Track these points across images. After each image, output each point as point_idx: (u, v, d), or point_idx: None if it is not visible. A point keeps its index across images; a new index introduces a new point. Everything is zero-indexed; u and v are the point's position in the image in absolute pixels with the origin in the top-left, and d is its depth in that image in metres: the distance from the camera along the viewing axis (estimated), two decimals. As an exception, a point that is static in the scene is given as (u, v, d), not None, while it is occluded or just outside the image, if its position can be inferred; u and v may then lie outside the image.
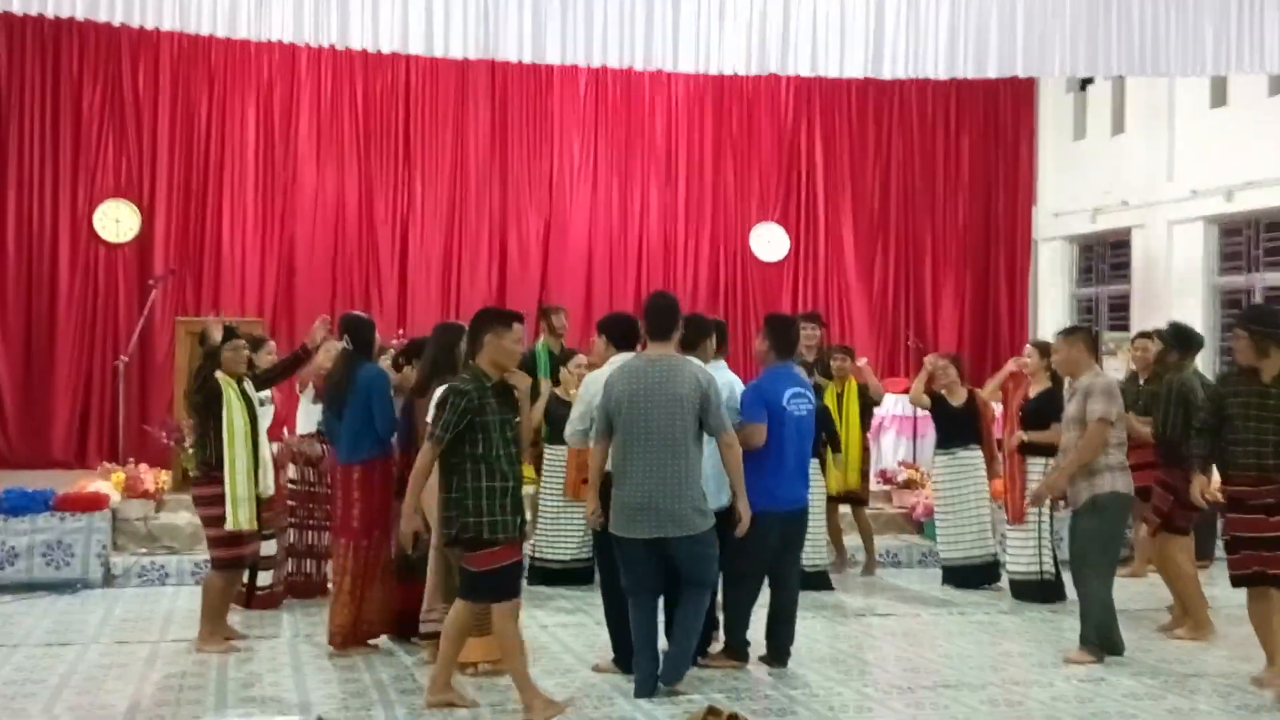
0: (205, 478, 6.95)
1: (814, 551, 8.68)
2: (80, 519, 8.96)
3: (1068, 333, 7.35)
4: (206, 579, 7.19)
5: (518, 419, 5.72)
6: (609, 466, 6.15)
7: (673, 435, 5.90)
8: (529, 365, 9.32)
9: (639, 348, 6.46)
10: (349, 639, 6.86)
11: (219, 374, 6.96)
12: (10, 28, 12.08)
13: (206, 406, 6.91)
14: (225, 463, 6.83)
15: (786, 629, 6.67)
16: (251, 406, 7.06)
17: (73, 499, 9.06)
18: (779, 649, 6.65)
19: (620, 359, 6.30)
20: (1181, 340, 7.94)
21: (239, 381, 7.05)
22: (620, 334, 6.59)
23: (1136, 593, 8.94)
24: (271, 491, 7.50)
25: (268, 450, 7.38)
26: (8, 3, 8.55)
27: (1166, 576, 7.84)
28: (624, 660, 6.33)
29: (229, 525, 6.86)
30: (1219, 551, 9.35)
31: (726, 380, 6.53)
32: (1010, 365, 9.12)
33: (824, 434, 8.50)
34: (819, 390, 8.67)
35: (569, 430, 6.58)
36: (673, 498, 5.89)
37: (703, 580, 6.10)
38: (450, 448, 5.50)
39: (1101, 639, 6.95)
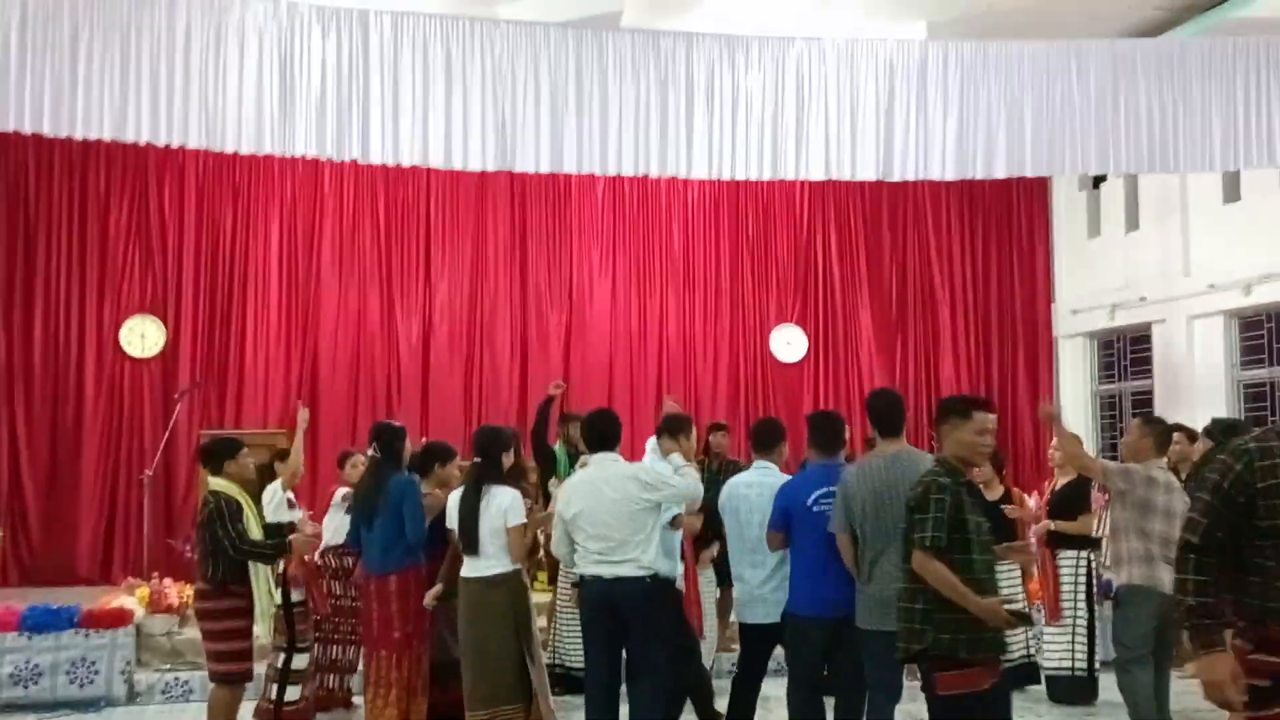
0: (219, 590, 6.88)
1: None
2: (104, 635, 8.94)
3: (1147, 421, 7.37)
4: (214, 694, 7.07)
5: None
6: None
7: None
8: (550, 466, 9.39)
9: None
10: None
11: (232, 486, 6.96)
12: (40, 147, 12.35)
13: (216, 521, 6.81)
14: (251, 575, 6.82)
15: None
16: (261, 518, 7.09)
17: (97, 615, 9.05)
18: None
19: (599, 459, 6.42)
20: (1229, 433, 7.93)
21: (249, 493, 7.09)
22: (598, 435, 6.59)
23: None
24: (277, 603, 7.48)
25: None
26: (38, 125, 8.73)
27: None
28: None
29: (261, 637, 6.87)
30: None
31: (768, 483, 6.58)
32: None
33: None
34: None
35: (555, 549, 6.61)
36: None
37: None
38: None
39: None
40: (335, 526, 8.35)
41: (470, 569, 6.52)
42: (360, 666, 8.07)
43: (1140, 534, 6.84)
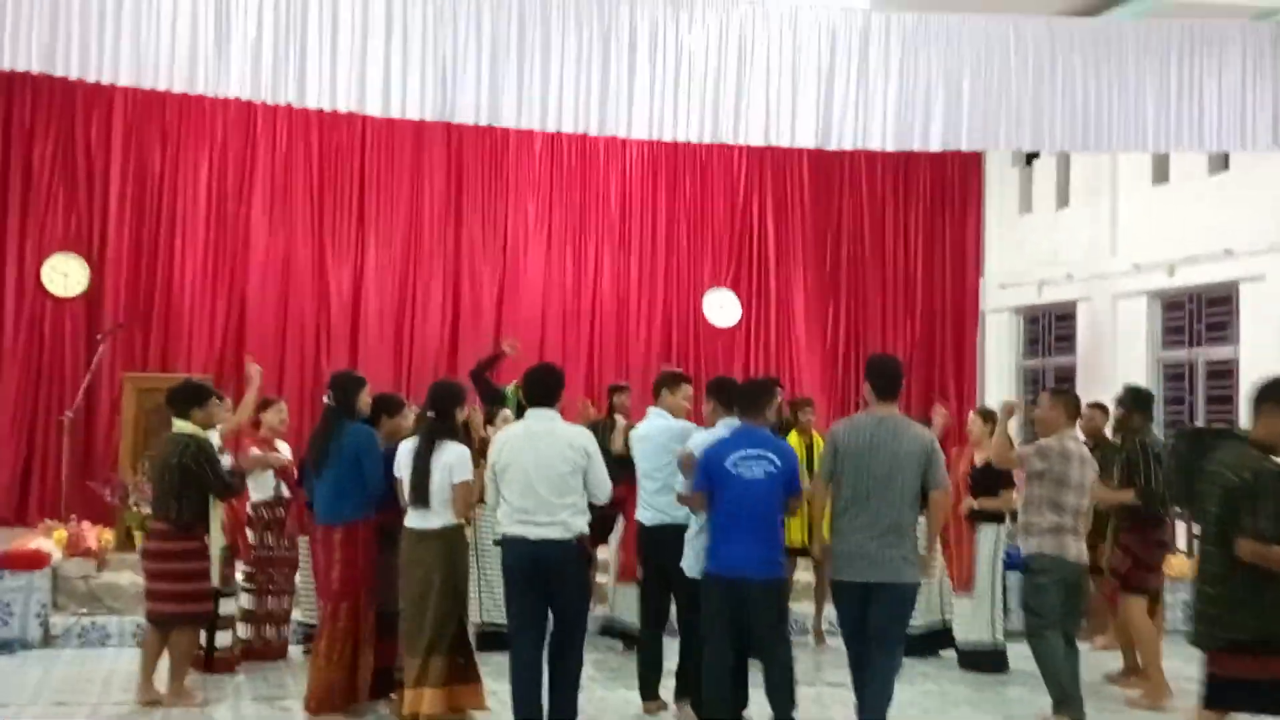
0: (181, 533, 6.94)
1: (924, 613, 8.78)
2: (20, 578, 8.80)
3: (1055, 392, 7.55)
4: (174, 636, 7.08)
5: None
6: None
7: (897, 490, 6.12)
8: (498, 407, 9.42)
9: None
10: (325, 704, 6.76)
11: (199, 430, 7.01)
12: (-39, 76, 12.03)
13: (198, 463, 6.90)
14: (211, 520, 6.94)
15: (778, 700, 6.37)
16: None
17: (13, 557, 8.91)
18: None
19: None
20: (1141, 401, 8.14)
21: None
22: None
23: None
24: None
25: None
26: (-38, 55, 8.49)
27: (1125, 638, 7.95)
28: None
29: (215, 582, 6.99)
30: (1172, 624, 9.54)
31: (702, 439, 6.66)
32: (936, 419, 9.02)
33: None
34: None
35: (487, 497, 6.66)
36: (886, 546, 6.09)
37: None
38: (1227, 535, 5.20)
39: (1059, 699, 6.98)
40: (263, 479, 8.30)
41: (413, 520, 6.52)
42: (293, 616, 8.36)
43: (1054, 507, 6.98)
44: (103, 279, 12.70)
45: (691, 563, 6.60)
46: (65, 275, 12.56)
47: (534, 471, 6.19)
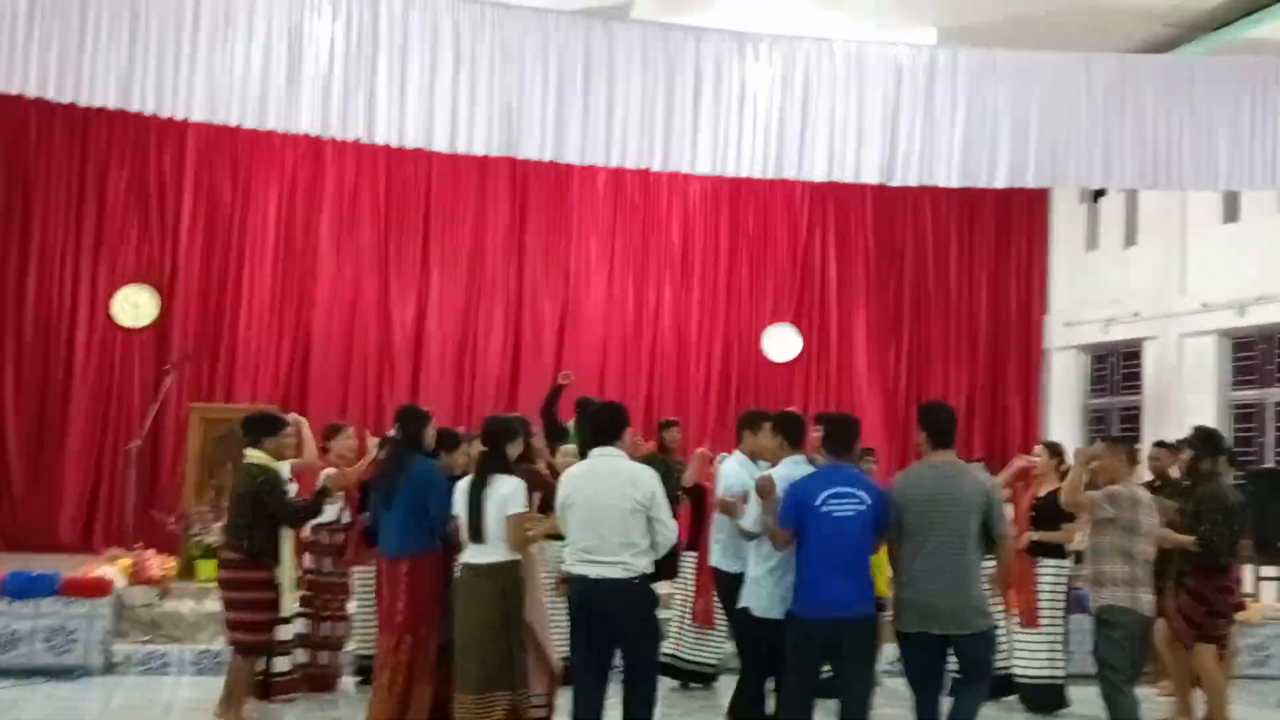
0: (250, 562, 7.01)
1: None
2: (84, 604, 8.88)
3: (1113, 441, 7.42)
4: (237, 665, 7.18)
5: None
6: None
7: (960, 539, 6.12)
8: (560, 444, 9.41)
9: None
10: None
11: (270, 460, 7.11)
12: (41, 106, 12.24)
13: (268, 492, 7.00)
14: (280, 550, 7.03)
15: None
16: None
17: (77, 584, 9.00)
18: None
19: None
20: (1210, 444, 7.96)
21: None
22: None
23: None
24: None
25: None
26: (44, 90, 8.69)
27: (1183, 683, 7.81)
28: None
29: (285, 611, 7.12)
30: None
31: (780, 475, 6.58)
32: (1018, 462, 9.05)
33: None
34: None
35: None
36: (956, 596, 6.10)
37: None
38: None
39: None
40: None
41: (469, 555, 6.53)
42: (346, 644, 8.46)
43: (1125, 556, 6.83)
44: (172, 310, 12.89)
45: (765, 603, 6.49)
46: (136, 306, 12.76)
47: (595, 510, 6.16)
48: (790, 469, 6.61)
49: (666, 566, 7.78)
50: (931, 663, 6.17)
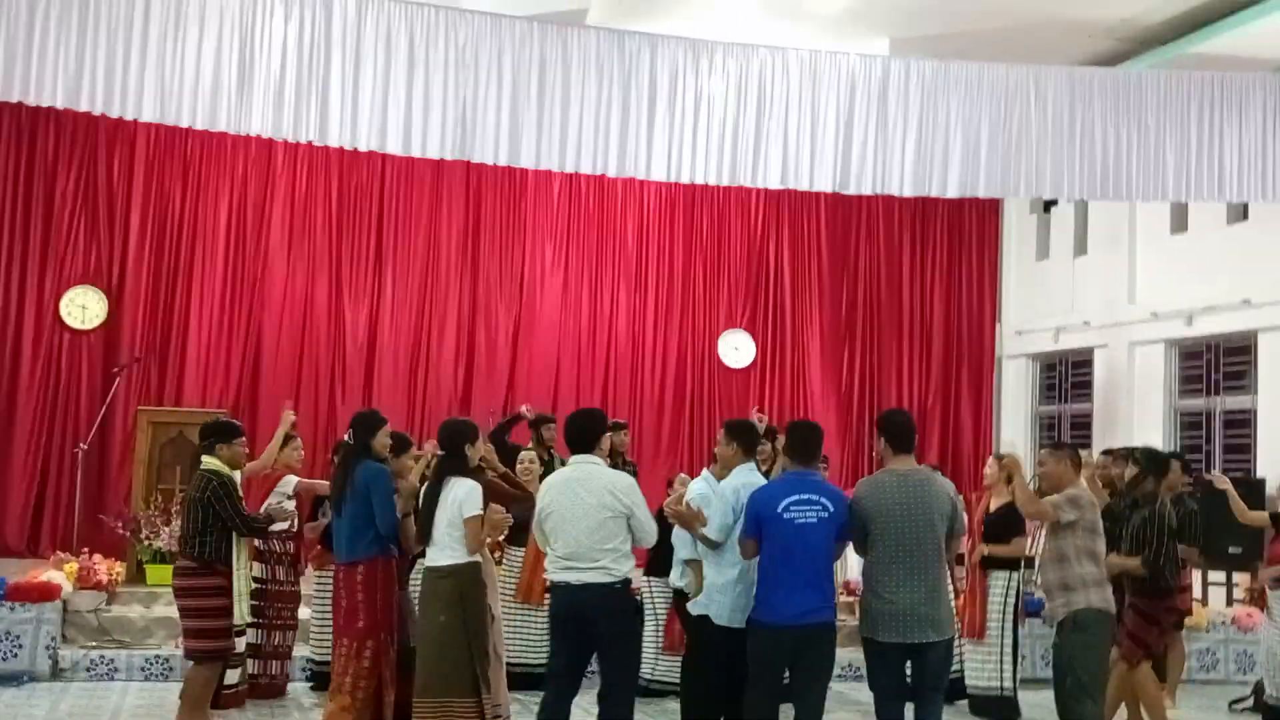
0: (203, 569, 6.89)
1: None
2: (30, 610, 8.77)
3: (1055, 447, 7.35)
4: (190, 673, 7.05)
5: None
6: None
7: (931, 545, 6.17)
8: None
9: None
10: None
11: (224, 468, 7.00)
12: (-14, 108, 12.16)
13: (219, 500, 6.87)
14: (234, 556, 6.90)
15: None
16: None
17: (24, 589, 8.88)
18: None
19: (577, 460, 6.35)
20: (1156, 465, 8.03)
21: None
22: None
23: None
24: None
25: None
26: (-12, 88, 8.58)
27: (1129, 694, 7.86)
28: None
29: (237, 619, 6.98)
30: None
31: (734, 485, 6.52)
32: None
33: None
34: None
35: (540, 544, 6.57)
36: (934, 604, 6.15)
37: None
38: None
39: None
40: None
41: (428, 558, 6.52)
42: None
43: (1092, 558, 6.80)
44: (121, 312, 12.75)
45: (726, 612, 6.44)
46: (84, 308, 12.63)
47: (574, 518, 6.13)
48: (745, 476, 6.59)
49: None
50: (900, 670, 6.21)
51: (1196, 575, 10.43)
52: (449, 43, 9.59)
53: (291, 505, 8.12)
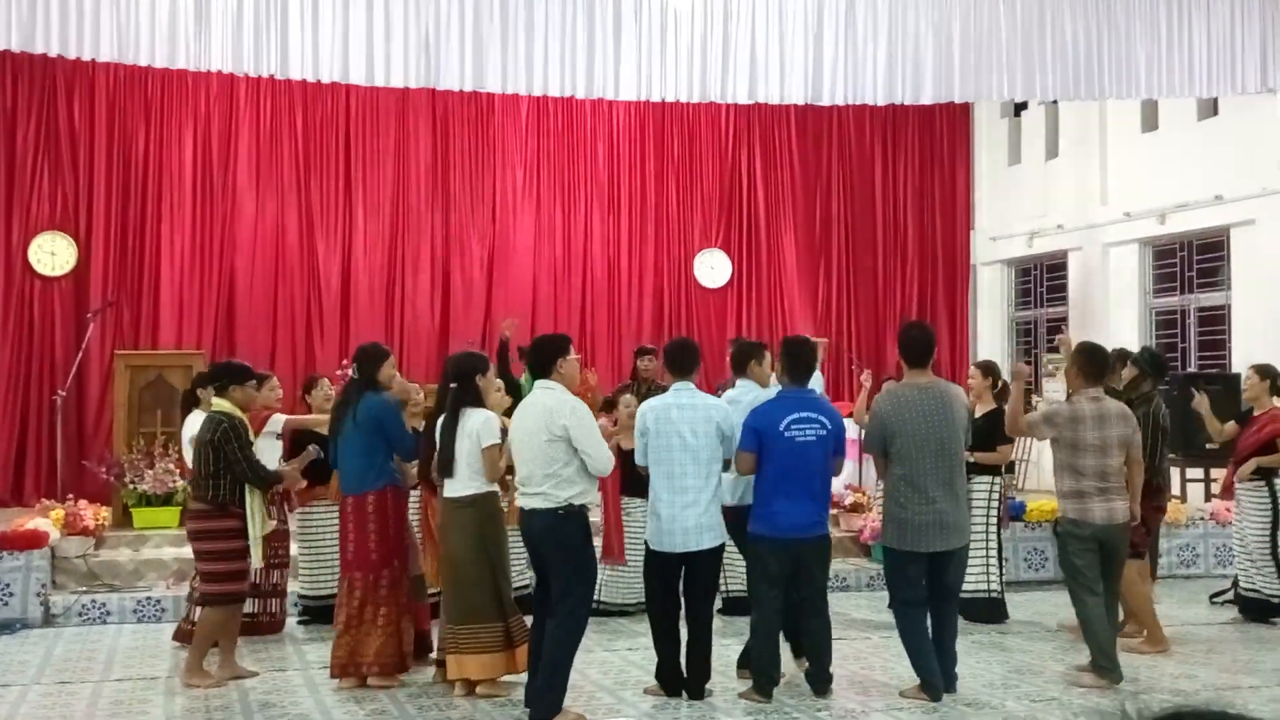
0: (217, 510, 6.86)
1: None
2: (18, 558, 8.76)
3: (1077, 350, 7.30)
4: (207, 615, 7.02)
5: None
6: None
7: (956, 454, 6.43)
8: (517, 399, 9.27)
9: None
10: (388, 668, 6.75)
11: (236, 410, 6.96)
12: (-59, 59, 11.93)
13: (227, 441, 6.82)
14: (248, 500, 6.86)
15: (819, 654, 6.58)
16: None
17: (11, 537, 8.86)
18: (815, 678, 6.57)
19: (538, 384, 6.35)
20: (1156, 366, 8.15)
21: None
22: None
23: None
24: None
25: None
26: (-61, 35, 8.41)
27: (1126, 597, 7.96)
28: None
29: (254, 562, 6.94)
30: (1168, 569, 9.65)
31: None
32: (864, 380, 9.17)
33: None
34: None
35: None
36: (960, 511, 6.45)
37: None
38: None
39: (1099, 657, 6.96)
40: (267, 452, 8.24)
41: (446, 489, 6.54)
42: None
43: (1073, 472, 6.88)
44: (90, 257, 12.63)
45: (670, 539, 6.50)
46: (53, 254, 12.50)
47: (522, 443, 6.17)
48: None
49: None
50: (922, 579, 6.46)
51: (1175, 473, 10.55)
52: (408, -33, 9.44)
53: (301, 478, 7.95)
